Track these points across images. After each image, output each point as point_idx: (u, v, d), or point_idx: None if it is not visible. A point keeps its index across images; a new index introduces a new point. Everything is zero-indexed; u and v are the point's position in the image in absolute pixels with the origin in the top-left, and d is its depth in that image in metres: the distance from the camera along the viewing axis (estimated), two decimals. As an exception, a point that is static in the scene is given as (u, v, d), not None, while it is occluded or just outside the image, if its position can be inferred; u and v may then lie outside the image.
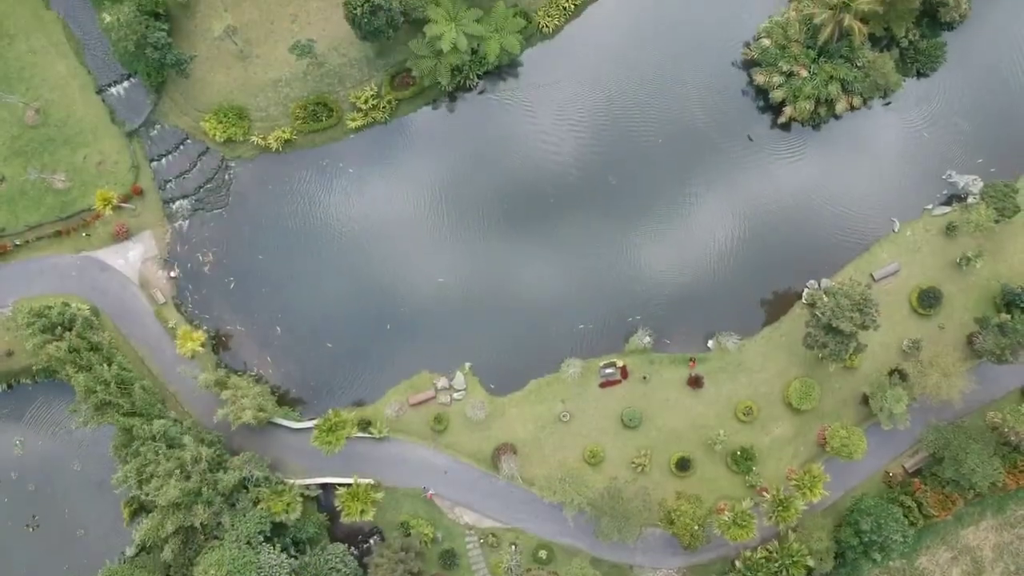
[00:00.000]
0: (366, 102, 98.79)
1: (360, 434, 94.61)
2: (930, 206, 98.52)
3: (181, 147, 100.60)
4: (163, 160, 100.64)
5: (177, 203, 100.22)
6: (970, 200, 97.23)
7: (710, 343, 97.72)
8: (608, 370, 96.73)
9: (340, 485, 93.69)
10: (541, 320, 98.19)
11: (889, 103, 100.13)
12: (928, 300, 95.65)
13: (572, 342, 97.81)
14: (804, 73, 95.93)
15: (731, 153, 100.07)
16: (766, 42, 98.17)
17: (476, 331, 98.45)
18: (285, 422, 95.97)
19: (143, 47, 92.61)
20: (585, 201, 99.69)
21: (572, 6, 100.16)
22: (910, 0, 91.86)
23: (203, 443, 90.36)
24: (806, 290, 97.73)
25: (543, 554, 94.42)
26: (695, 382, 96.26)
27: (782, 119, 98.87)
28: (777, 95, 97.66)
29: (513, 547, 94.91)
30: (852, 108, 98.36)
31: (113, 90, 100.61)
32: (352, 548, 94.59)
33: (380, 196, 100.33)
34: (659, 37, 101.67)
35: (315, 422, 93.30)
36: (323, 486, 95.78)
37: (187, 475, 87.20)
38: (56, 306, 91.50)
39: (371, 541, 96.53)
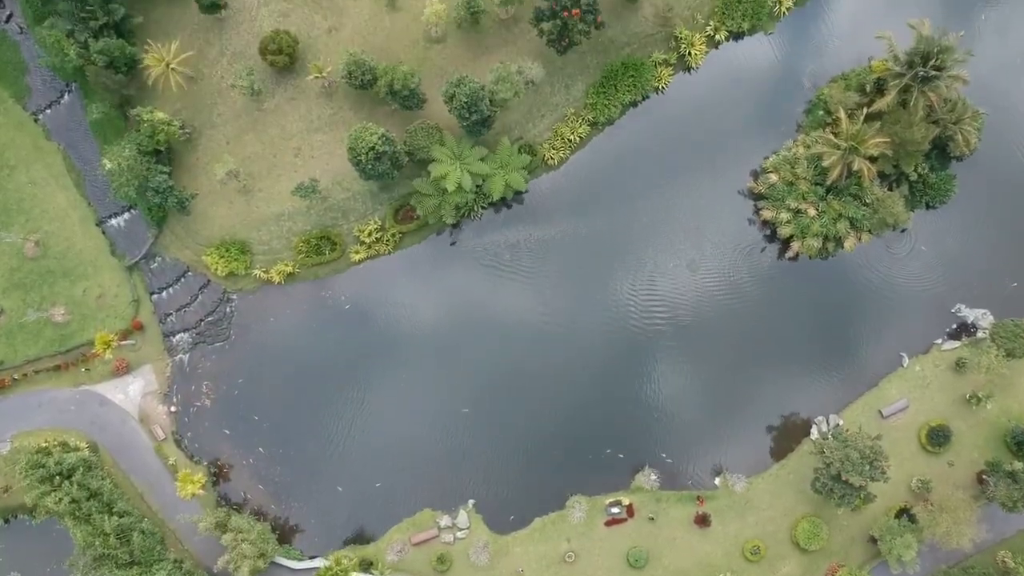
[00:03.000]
0: (370, 235, 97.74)
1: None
2: (939, 340, 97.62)
3: (182, 280, 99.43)
4: (164, 293, 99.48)
5: (178, 336, 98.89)
6: (979, 335, 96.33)
7: (717, 480, 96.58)
8: (614, 509, 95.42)
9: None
10: (546, 457, 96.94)
11: (904, 230, 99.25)
12: (937, 438, 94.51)
13: (577, 479, 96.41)
14: (812, 212, 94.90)
15: (739, 286, 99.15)
16: (773, 177, 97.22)
17: (479, 468, 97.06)
18: (286, 562, 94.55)
19: (144, 190, 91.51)
20: (590, 337, 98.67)
21: (577, 138, 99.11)
22: (919, 143, 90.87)
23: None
24: (814, 427, 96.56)
25: None
26: (702, 520, 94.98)
27: (789, 254, 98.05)
28: (785, 231, 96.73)
29: None
30: (860, 242, 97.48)
31: (113, 222, 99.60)
32: None
33: (383, 329, 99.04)
34: (665, 168, 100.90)
35: (316, 566, 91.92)
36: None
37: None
38: (54, 453, 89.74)
39: None
